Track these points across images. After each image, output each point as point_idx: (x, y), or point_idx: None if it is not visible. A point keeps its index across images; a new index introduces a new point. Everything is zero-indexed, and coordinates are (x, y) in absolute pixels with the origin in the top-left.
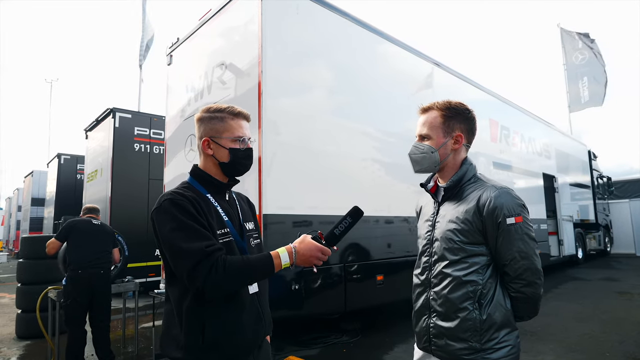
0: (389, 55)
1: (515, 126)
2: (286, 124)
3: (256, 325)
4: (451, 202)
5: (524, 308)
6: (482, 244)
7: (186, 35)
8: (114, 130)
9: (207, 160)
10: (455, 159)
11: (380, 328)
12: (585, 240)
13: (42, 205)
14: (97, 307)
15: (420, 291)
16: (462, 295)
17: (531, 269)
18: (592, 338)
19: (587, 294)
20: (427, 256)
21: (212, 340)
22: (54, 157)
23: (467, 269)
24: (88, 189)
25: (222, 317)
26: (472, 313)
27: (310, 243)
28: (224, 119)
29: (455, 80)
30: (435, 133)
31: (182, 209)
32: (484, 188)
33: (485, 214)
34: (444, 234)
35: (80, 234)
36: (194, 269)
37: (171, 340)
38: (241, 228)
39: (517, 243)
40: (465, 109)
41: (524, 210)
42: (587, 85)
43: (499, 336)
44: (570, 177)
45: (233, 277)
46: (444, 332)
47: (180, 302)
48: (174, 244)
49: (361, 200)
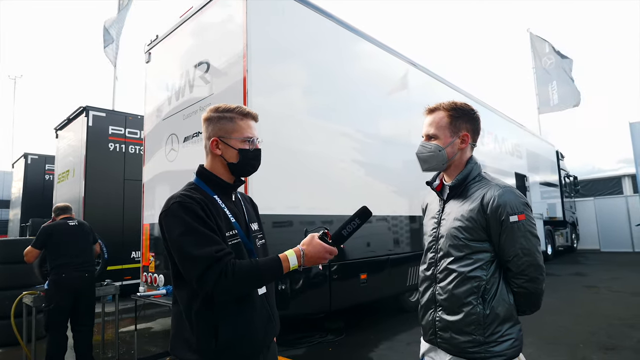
0: (366, 55)
1: (488, 126)
2: (267, 123)
3: (267, 326)
4: (456, 200)
5: (526, 303)
6: (486, 240)
7: (166, 33)
8: (87, 129)
9: (214, 161)
10: (462, 158)
11: (364, 326)
12: (554, 237)
13: (7, 208)
14: (82, 311)
15: (426, 286)
16: (466, 290)
17: (533, 265)
18: (566, 330)
19: (558, 288)
20: (433, 252)
21: (225, 342)
22: (20, 157)
23: (472, 265)
24: (59, 189)
25: (234, 319)
26: (476, 307)
27: (318, 244)
28: (233, 119)
29: (430, 80)
30: (443, 133)
31: (191, 212)
32: (488, 187)
33: (489, 212)
34: (449, 231)
35: (59, 238)
36: (203, 274)
37: (183, 343)
38: (247, 229)
39: (520, 240)
40: (470, 110)
41: (527, 209)
42: (557, 88)
43: (502, 329)
44: (540, 177)
45: (242, 281)
46: (449, 325)
47: (189, 305)
48: (183, 249)
49: (341, 200)
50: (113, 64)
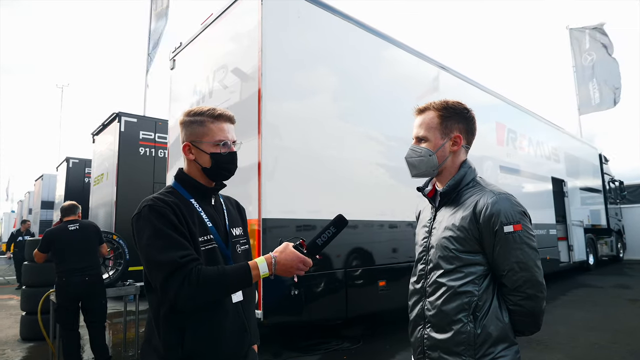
0: (392, 59)
1: (522, 129)
2: (288, 128)
3: (240, 335)
4: (448, 208)
5: (524, 322)
6: (479, 252)
7: (189, 40)
8: (120, 134)
9: (190, 165)
10: (454, 162)
11: (381, 335)
12: (596, 245)
13: (52, 209)
14: (90, 311)
15: (415, 300)
16: (456, 307)
17: (531, 281)
18: (601, 348)
19: (598, 301)
20: (423, 264)
21: (191, 351)
22: (63, 160)
23: (462, 279)
24: (94, 192)
25: (202, 327)
26: (466, 326)
27: (292, 253)
28: (203, 123)
29: (461, 83)
30: (433, 134)
31: (161, 216)
32: (481, 193)
33: (482, 221)
34: (439, 241)
35: (59, 244)
36: (166, 280)
37: (152, 351)
38: (226, 234)
39: (515, 253)
40: (463, 109)
41: (523, 218)
42: (598, 87)
43: (494, 351)
44: (580, 181)
45: (207, 289)
46: (437, 344)
47: (157, 310)
48: (149, 254)
49: (365, 205)
50: (145, 71)
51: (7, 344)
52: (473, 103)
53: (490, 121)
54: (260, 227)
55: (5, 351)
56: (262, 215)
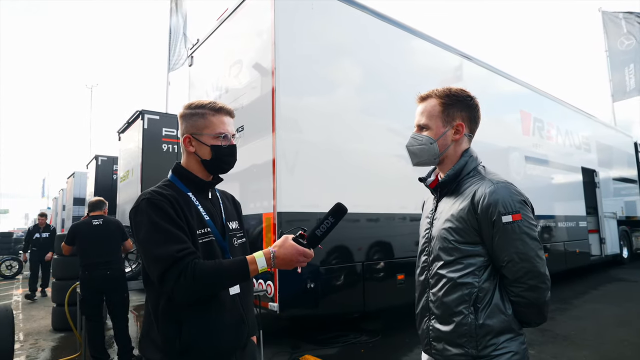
0: (413, 50)
1: (549, 118)
2: (309, 121)
3: (238, 327)
4: (449, 198)
5: (528, 314)
6: (479, 243)
7: (205, 36)
8: (143, 131)
9: (189, 158)
10: (456, 151)
11: (400, 329)
12: (631, 238)
13: (83, 205)
14: (113, 304)
15: (420, 292)
16: (457, 299)
17: (532, 272)
18: (631, 345)
19: (631, 296)
20: (426, 255)
21: (189, 342)
22: (92, 158)
23: (462, 271)
24: (121, 189)
25: (199, 319)
26: (467, 317)
27: (291, 246)
28: (204, 115)
29: (485, 72)
30: (434, 122)
31: (159, 210)
32: (480, 182)
33: (480, 212)
34: (439, 232)
35: (83, 238)
36: (163, 274)
37: (150, 343)
38: (223, 227)
39: (514, 243)
40: (466, 96)
41: (523, 207)
42: (634, 72)
43: (497, 342)
44: (613, 171)
45: (204, 282)
46: (441, 336)
47: (156, 303)
48: (147, 248)
49: (387, 197)
50: (167, 69)
51: (40, 333)
52: (497, 92)
53: (514, 110)
54: (276, 221)
55: (37, 341)
56: (277, 209)
